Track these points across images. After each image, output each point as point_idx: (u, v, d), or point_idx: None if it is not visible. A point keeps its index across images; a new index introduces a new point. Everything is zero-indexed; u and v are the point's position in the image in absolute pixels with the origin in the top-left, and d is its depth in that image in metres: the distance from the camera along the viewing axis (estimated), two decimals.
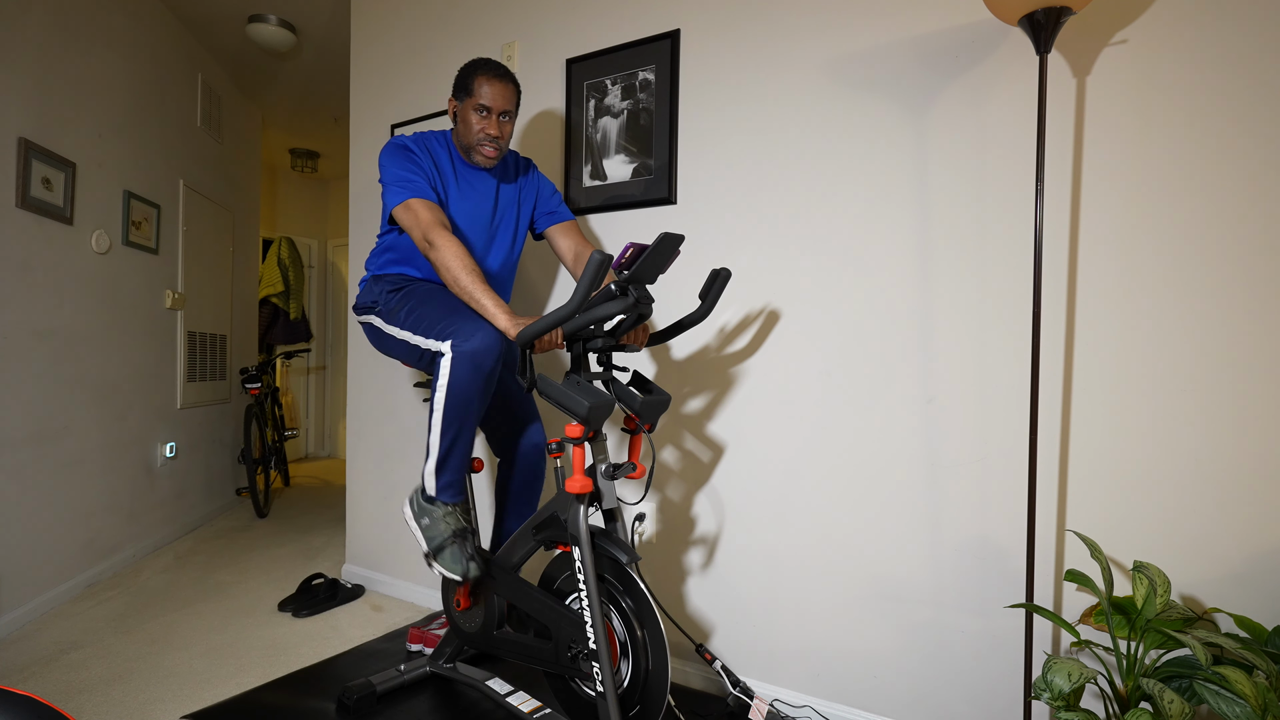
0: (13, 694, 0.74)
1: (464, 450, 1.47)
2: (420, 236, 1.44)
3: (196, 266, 3.39)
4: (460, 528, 1.49)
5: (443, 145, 1.62)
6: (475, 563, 1.46)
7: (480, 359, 1.36)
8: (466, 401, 1.40)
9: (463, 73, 1.57)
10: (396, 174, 1.51)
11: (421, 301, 1.50)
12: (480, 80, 1.54)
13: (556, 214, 1.73)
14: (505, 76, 1.56)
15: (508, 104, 1.56)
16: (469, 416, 1.43)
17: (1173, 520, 1.30)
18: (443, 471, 1.47)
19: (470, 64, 1.57)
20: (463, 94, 1.56)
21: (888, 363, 1.57)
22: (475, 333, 1.36)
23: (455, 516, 1.49)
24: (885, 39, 1.57)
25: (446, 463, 1.46)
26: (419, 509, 1.51)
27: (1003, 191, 1.45)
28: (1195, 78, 1.28)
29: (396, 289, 1.59)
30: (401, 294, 1.57)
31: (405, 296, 1.55)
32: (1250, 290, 1.24)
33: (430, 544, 1.47)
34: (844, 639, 1.63)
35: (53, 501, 2.33)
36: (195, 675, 1.84)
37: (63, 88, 2.37)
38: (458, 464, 1.48)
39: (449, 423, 1.42)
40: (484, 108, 1.54)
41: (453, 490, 1.50)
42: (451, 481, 1.49)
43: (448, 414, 1.41)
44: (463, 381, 1.38)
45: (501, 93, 1.54)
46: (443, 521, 1.48)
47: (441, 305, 1.46)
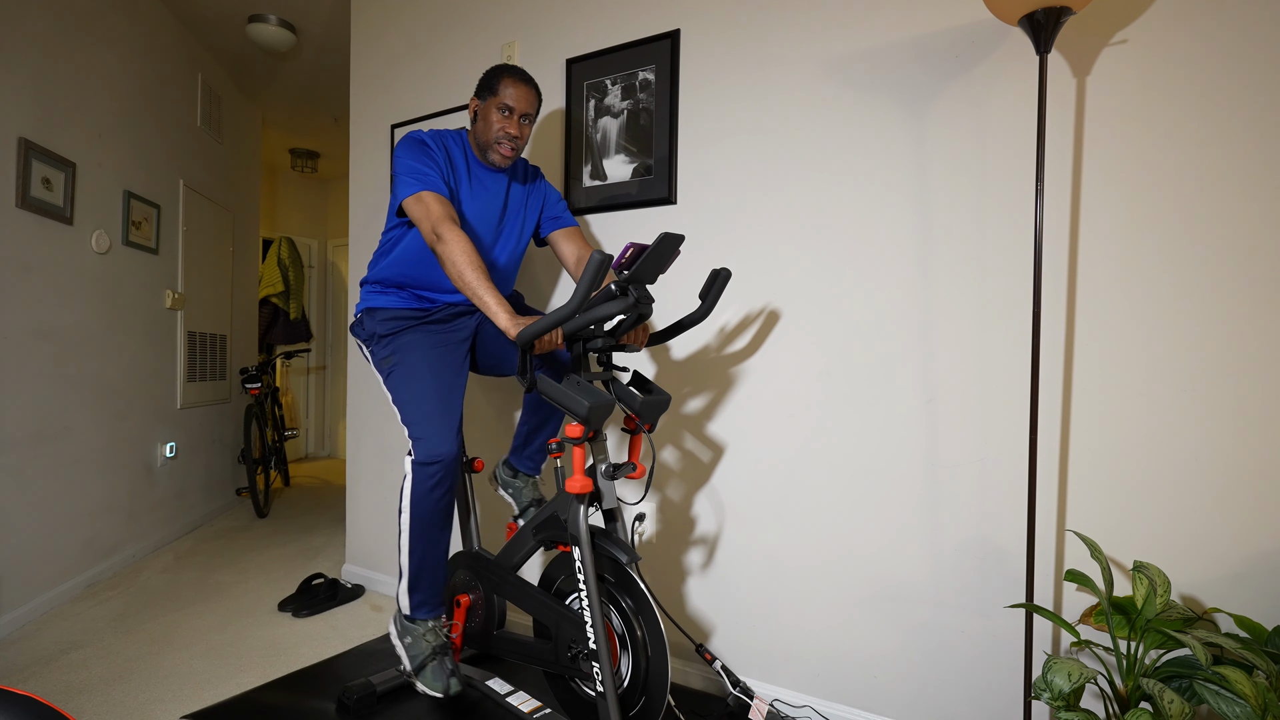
0: (13, 694, 0.74)
1: (434, 566, 1.54)
2: (429, 229, 1.45)
3: (196, 266, 3.39)
4: (440, 644, 1.55)
5: (458, 144, 1.64)
6: (455, 679, 1.51)
7: (432, 472, 1.46)
8: (430, 514, 1.49)
9: (488, 74, 1.61)
10: (410, 165, 1.52)
11: (404, 377, 1.56)
12: (506, 81, 1.57)
13: (561, 219, 1.75)
14: (529, 82, 1.60)
15: (529, 107, 1.60)
16: (433, 532, 1.51)
17: (1173, 520, 1.30)
18: (416, 590, 1.54)
19: (496, 66, 1.62)
20: (487, 93, 1.60)
21: (888, 362, 1.57)
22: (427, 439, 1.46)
23: (435, 633, 1.56)
24: (885, 39, 1.57)
25: (419, 581, 1.53)
26: (401, 628, 1.57)
27: (1003, 191, 1.45)
28: (1195, 78, 1.28)
29: (387, 335, 1.62)
30: (390, 347, 1.61)
31: (393, 354, 1.60)
32: (1250, 290, 1.24)
33: (412, 663, 1.53)
34: (844, 639, 1.63)
35: (53, 501, 2.33)
36: (195, 675, 1.84)
37: (63, 88, 2.37)
38: (430, 580, 1.54)
39: (416, 539, 1.50)
40: (507, 107, 1.57)
41: (428, 607, 1.55)
42: (426, 599, 1.55)
43: (414, 530, 1.50)
44: (422, 499, 1.47)
45: (525, 95, 1.58)
46: (423, 640, 1.54)
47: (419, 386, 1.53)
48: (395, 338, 1.61)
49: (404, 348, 1.59)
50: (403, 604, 1.55)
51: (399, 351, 1.59)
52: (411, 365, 1.56)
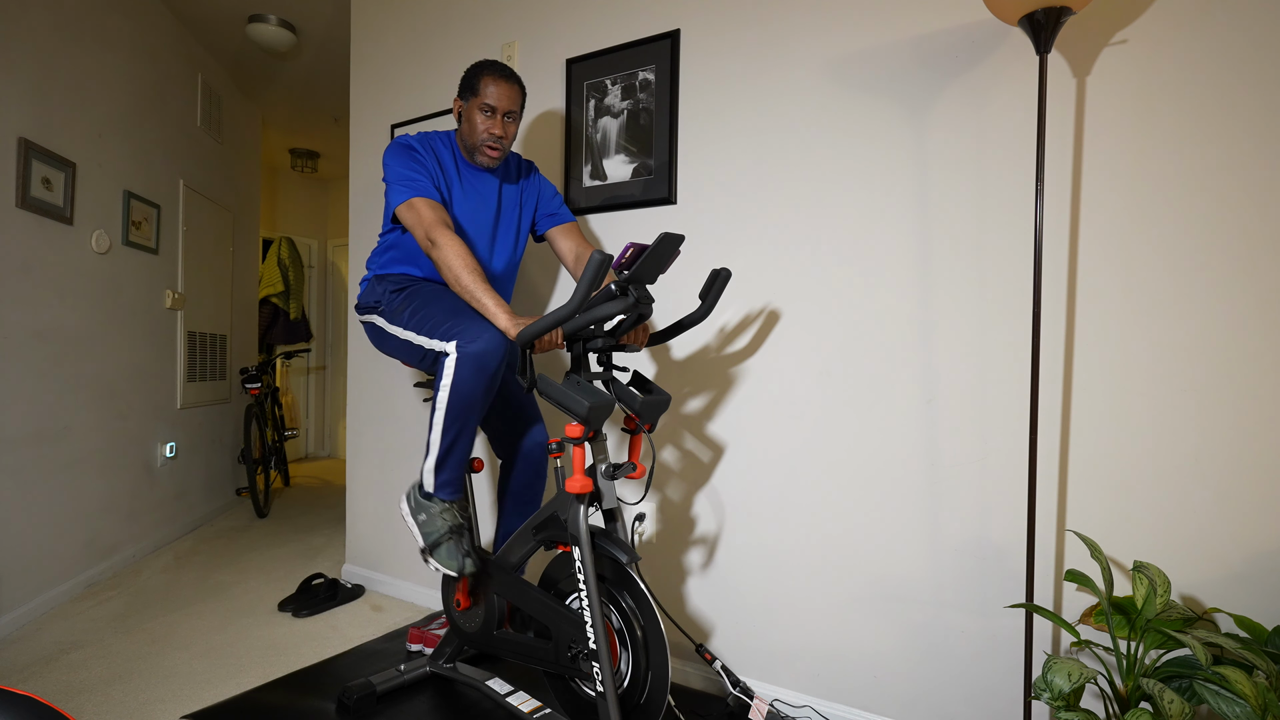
0: (13, 694, 0.74)
1: (464, 449, 1.48)
2: (423, 235, 1.44)
3: (196, 266, 3.39)
4: (456, 524, 1.50)
5: (447, 146, 1.62)
6: (471, 559, 1.47)
7: (485, 360, 1.36)
8: (469, 402, 1.40)
9: (469, 73, 1.58)
10: (400, 173, 1.51)
11: (426, 302, 1.50)
12: (486, 80, 1.55)
13: (558, 215, 1.74)
14: (511, 77, 1.57)
15: (513, 104, 1.57)
16: (471, 416, 1.43)
17: (1173, 520, 1.30)
18: (442, 469, 1.48)
19: (476, 65, 1.58)
20: (468, 94, 1.57)
21: (888, 362, 1.57)
22: (481, 334, 1.36)
23: (452, 513, 1.50)
24: (885, 39, 1.57)
25: (446, 461, 1.47)
26: (416, 504, 1.52)
27: (1003, 191, 1.45)
28: (1195, 78, 1.28)
29: (400, 289, 1.60)
30: (405, 294, 1.57)
31: (409, 297, 1.55)
32: (1250, 290, 1.24)
33: (426, 539, 1.48)
34: (844, 639, 1.63)
35: (53, 501, 2.33)
36: (195, 675, 1.84)
37: (63, 88, 2.37)
38: (457, 462, 1.48)
39: (451, 422, 1.42)
40: (489, 107, 1.55)
41: (451, 488, 1.50)
42: (450, 479, 1.49)
43: (450, 413, 1.41)
44: (466, 382, 1.38)
45: (507, 93, 1.55)
46: (439, 518, 1.49)
47: (446, 306, 1.46)
48: (410, 287, 1.58)
49: (421, 292, 1.55)
50: (426, 480, 1.49)
51: (417, 296, 1.54)
52: (431, 293, 1.52)
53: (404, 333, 1.52)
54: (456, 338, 1.38)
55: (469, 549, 1.48)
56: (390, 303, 1.58)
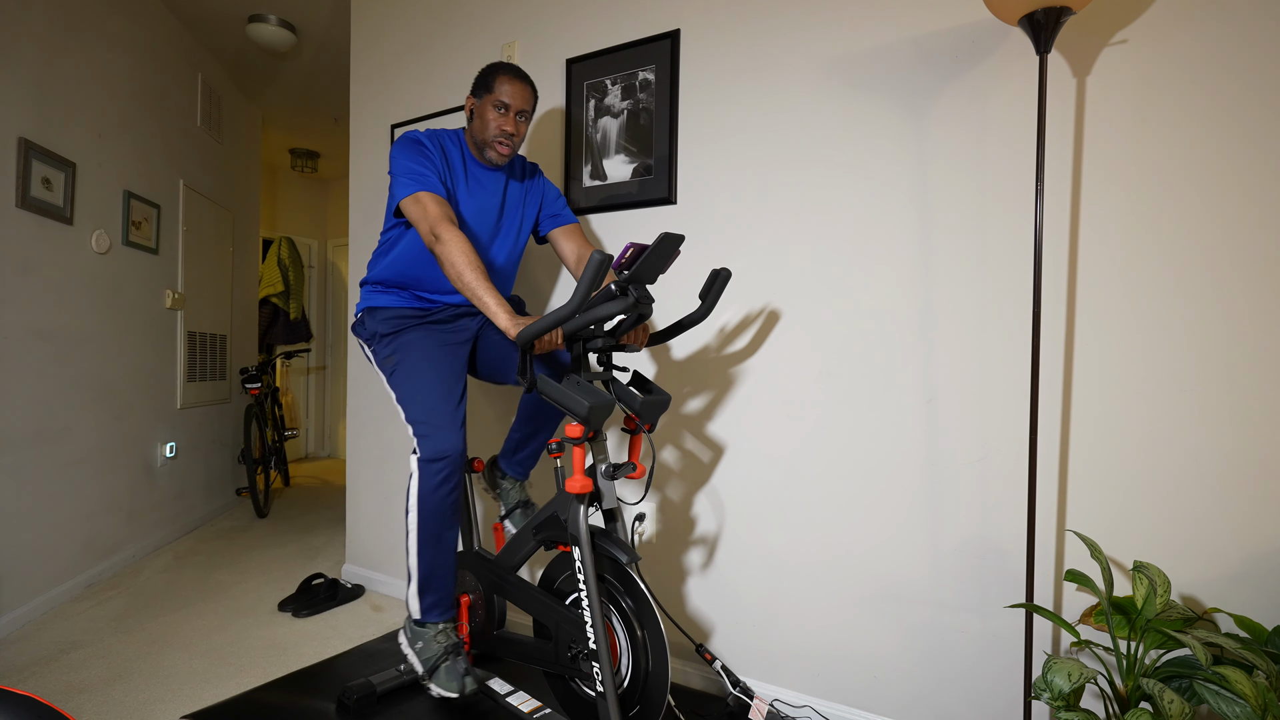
0: (13, 694, 0.74)
1: (444, 567, 1.52)
2: (427, 230, 1.45)
3: (196, 266, 3.39)
4: (452, 644, 1.53)
5: (455, 143, 1.64)
6: (470, 678, 1.50)
7: (440, 469, 1.45)
8: (439, 514, 1.47)
9: (484, 72, 1.61)
10: (408, 166, 1.52)
11: (407, 373, 1.55)
12: (502, 79, 1.57)
13: (560, 217, 1.74)
14: (525, 79, 1.60)
15: (525, 104, 1.59)
16: (443, 531, 1.49)
17: (1173, 520, 1.30)
18: (426, 593, 1.52)
19: (492, 64, 1.61)
20: (482, 91, 1.59)
21: (888, 362, 1.57)
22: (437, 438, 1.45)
23: (446, 634, 1.54)
24: (885, 39, 1.57)
25: (429, 584, 1.51)
26: (412, 634, 1.56)
27: (1003, 191, 1.45)
28: (1195, 77, 1.28)
29: (389, 334, 1.62)
30: (392, 346, 1.61)
31: (395, 350, 1.60)
32: (1250, 290, 1.24)
33: (425, 665, 1.51)
34: (844, 639, 1.63)
35: (53, 501, 2.33)
36: (195, 675, 1.84)
37: (63, 88, 2.37)
38: (440, 582, 1.52)
39: (424, 541, 1.48)
40: (503, 104, 1.57)
41: (440, 609, 1.54)
42: (437, 601, 1.53)
43: (421, 531, 1.48)
44: (430, 493, 1.46)
45: (520, 92, 1.58)
46: (434, 641, 1.52)
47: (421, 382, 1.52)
48: (397, 336, 1.61)
49: (406, 346, 1.59)
50: (413, 608, 1.53)
51: (401, 350, 1.59)
52: (414, 363, 1.56)
53: (389, 390, 1.59)
54: (418, 440, 1.47)
55: (466, 668, 1.51)
56: (379, 349, 1.63)
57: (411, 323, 1.63)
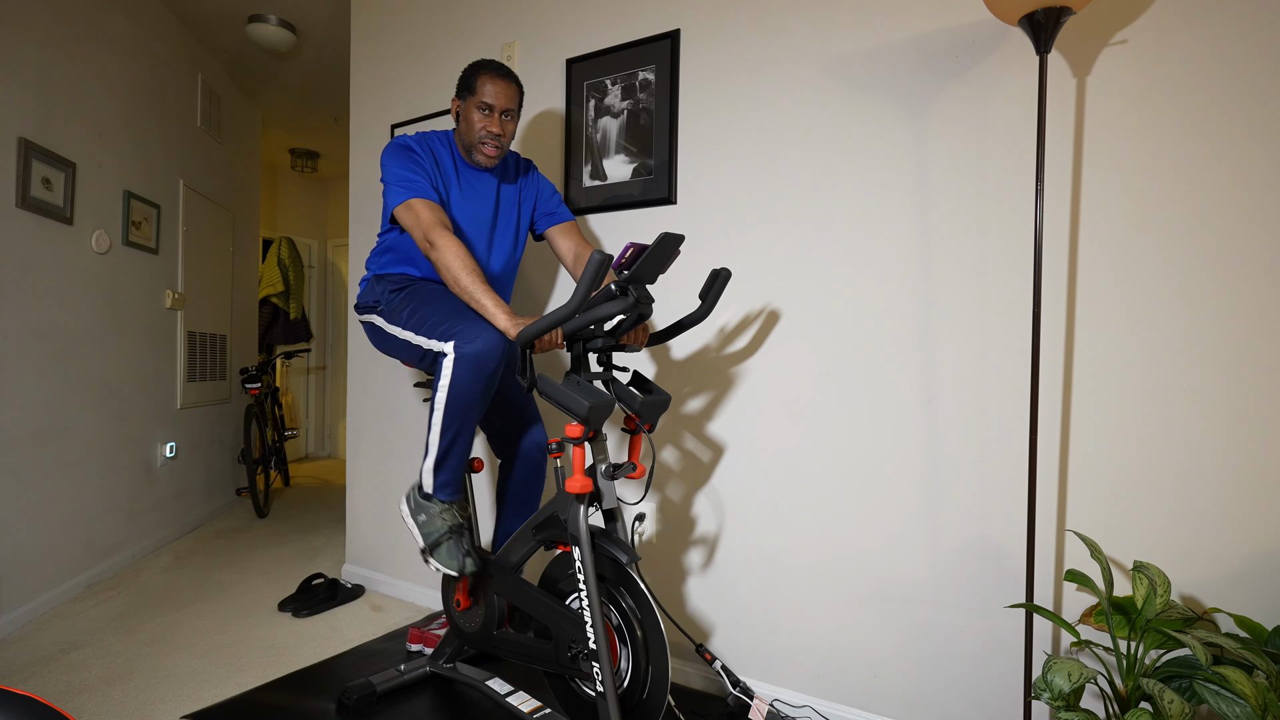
0: (13, 694, 0.74)
1: (463, 449, 1.48)
2: (421, 236, 1.44)
3: (196, 266, 3.39)
4: (456, 524, 1.50)
5: (445, 146, 1.62)
6: (471, 558, 1.47)
7: (483, 361, 1.36)
8: (468, 402, 1.40)
9: (466, 72, 1.58)
10: (398, 173, 1.51)
11: (424, 302, 1.50)
12: (483, 79, 1.55)
13: (556, 215, 1.73)
14: (508, 76, 1.57)
15: (510, 102, 1.57)
16: (469, 417, 1.43)
17: (1173, 520, 1.30)
18: (441, 469, 1.48)
19: (474, 64, 1.58)
20: (466, 93, 1.57)
21: (887, 362, 1.57)
22: (479, 335, 1.36)
23: (451, 513, 1.51)
24: (885, 39, 1.57)
25: (445, 461, 1.47)
26: (415, 505, 1.52)
27: (1003, 191, 1.45)
28: (1195, 78, 1.28)
29: (399, 288, 1.60)
30: (404, 294, 1.57)
31: (408, 296, 1.55)
32: (1250, 290, 1.24)
33: (426, 539, 1.48)
34: (844, 639, 1.63)
35: (53, 501, 2.33)
36: (195, 675, 1.84)
37: (63, 88, 2.37)
38: (456, 463, 1.49)
39: (449, 422, 1.42)
40: (486, 105, 1.55)
41: (450, 488, 1.50)
42: (449, 480, 1.50)
43: (448, 414, 1.41)
44: (464, 382, 1.38)
45: (504, 91, 1.55)
46: (439, 518, 1.49)
47: (444, 306, 1.46)
48: (409, 287, 1.58)
49: (420, 291, 1.55)
50: (425, 481, 1.49)
51: (416, 295, 1.54)
52: (430, 293, 1.52)
53: (402, 332, 1.52)
54: (454, 338, 1.38)
55: (469, 549, 1.48)
56: (389, 302, 1.58)
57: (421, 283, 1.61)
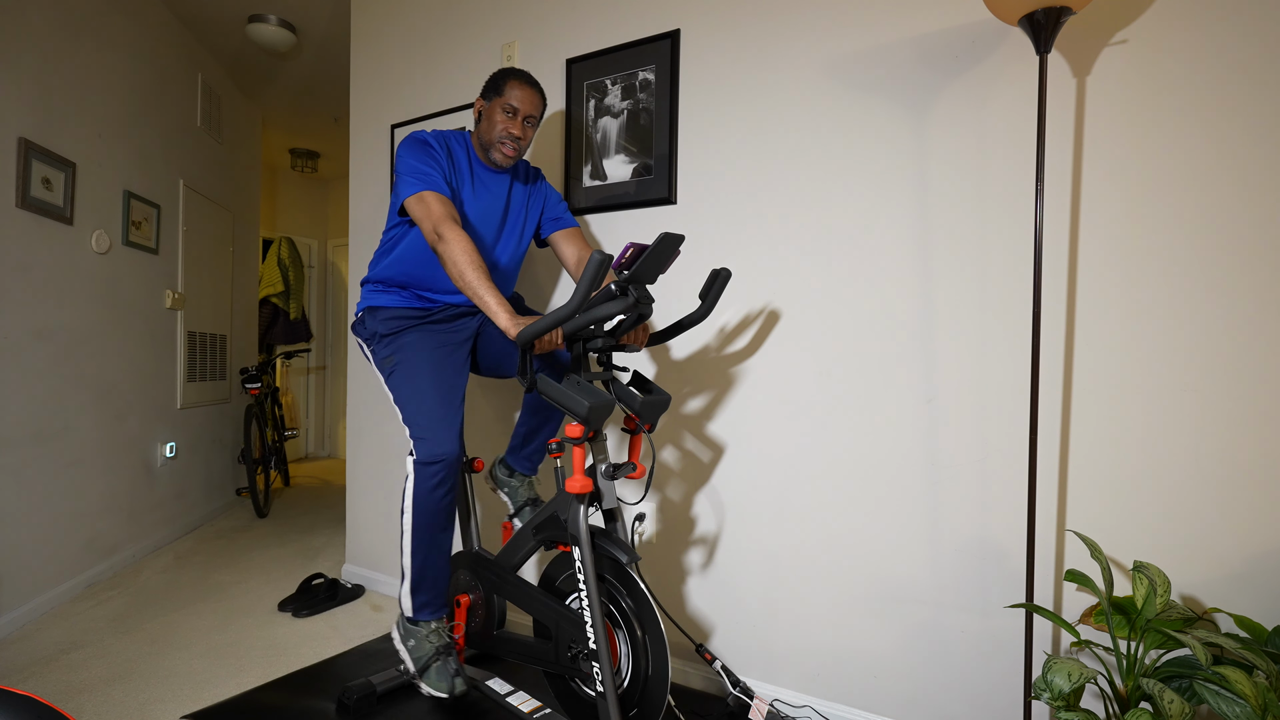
0: (13, 694, 0.74)
1: (437, 567, 1.54)
2: (430, 228, 1.45)
3: (196, 266, 3.39)
4: (444, 644, 1.56)
5: (461, 144, 1.65)
6: (460, 679, 1.52)
7: (436, 471, 1.46)
8: (433, 515, 1.48)
9: (495, 75, 1.62)
10: (413, 165, 1.53)
11: (406, 373, 1.56)
12: (512, 84, 1.59)
13: (561, 220, 1.76)
14: (535, 86, 1.62)
15: (533, 109, 1.61)
16: (438, 533, 1.51)
17: (1173, 520, 1.30)
18: (419, 591, 1.53)
19: (504, 69, 1.63)
20: (492, 94, 1.61)
21: (887, 362, 1.57)
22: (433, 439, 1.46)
23: (439, 633, 1.57)
24: (885, 39, 1.57)
25: (422, 582, 1.53)
26: (404, 631, 1.58)
27: (1003, 191, 1.45)
28: (1195, 78, 1.28)
29: (389, 334, 1.63)
30: (391, 347, 1.62)
31: (394, 352, 1.60)
32: (1250, 290, 1.24)
33: (416, 664, 1.54)
34: (844, 639, 1.63)
35: (53, 501, 2.33)
36: (195, 675, 1.84)
37: (63, 88, 2.37)
38: (433, 582, 1.54)
39: (419, 542, 1.50)
40: (511, 108, 1.58)
41: (431, 608, 1.55)
42: (429, 600, 1.55)
43: (416, 531, 1.49)
44: (425, 495, 1.47)
45: (529, 98, 1.60)
46: (426, 641, 1.55)
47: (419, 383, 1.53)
48: (397, 337, 1.62)
49: (405, 347, 1.59)
50: (405, 606, 1.54)
51: (400, 351, 1.60)
52: (413, 365, 1.56)
53: (385, 389, 1.61)
54: (414, 442, 1.48)
55: (456, 669, 1.54)
56: (379, 349, 1.64)
57: (411, 323, 1.64)
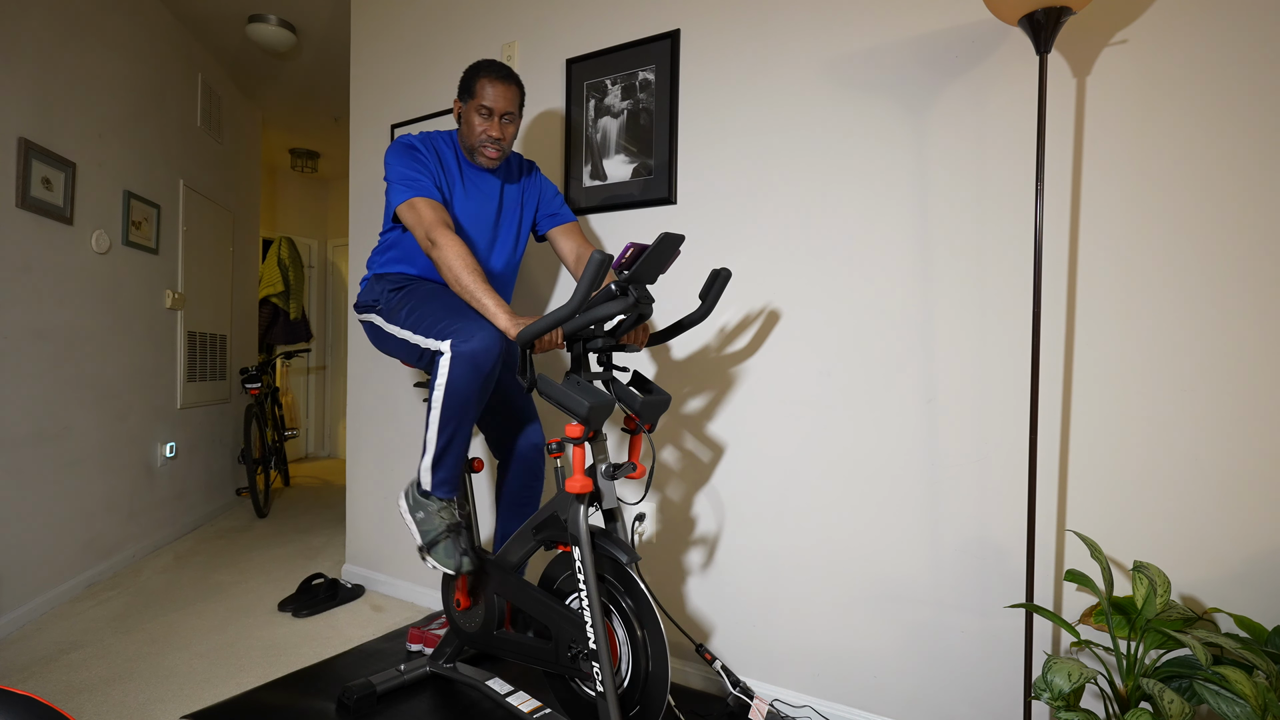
0: (13, 694, 0.74)
1: (460, 447, 1.48)
2: (423, 235, 1.44)
3: (196, 266, 3.39)
4: (454, 522, 1.50)
5: (449, 145, 1.63)
6: (469, 557, 1.47)
7: (479, 359, 1.37)
8: (464, 400, 1.41)
9: (466, 74, 1.58)
10: (402, 172, 1.51)
11: (422, 301, 1.50)
12: (483, 82, 1.54)
13: (559, 216, 1.74)
14: (508, 78, 1.56)
15: (510, 105, 1.56)
16: (466, 415, 1.44)
17: (1173, 520, 1.30)
18: (439, 467, 1.48)
19: (474, 66, 1.58)
20: (466, 95, 1.57)
21: (888, 362, 1.57)
22: (475, 333, 1.37)
23: (450, 511, 1.51)
24: (885, 39, 1.57)
25: (443, 459, 1.47)
26: (414, 503, 1.52)
27: (1003, 191, 1.45)
28: (1195, 77, 1.28)
29: (398, 288, 1.60)
30: (403, 293, 1.57)
31: (406, 295, 1.55)
32: (1250, 290, 1.24)
33: (424, 537, 1.49)
34: (844, 639, 1.63)
35: (53, 501, 2.33)
36: (195, 675, 1.84)
37: (63, 88, 2.37)
38: (454, 461, 1.49)
39: (446, 420, 1.43)
40: (486, 109, 1.54)
41: (448, 486, 1.51)
42: (447, 477, 1.50)
43: (445, 412, 1.42)
44: (461, 381, 1.38)
45: (504, 94, 1.54)
46: (437, 516, 1.49)
47: (442, 305, 1.46)
48: (408, 287, 1.59)
49: (418, 291, 1.56)
50: (423, 479, 1.49)
51: (414, 295, 1.54)
52: (429, 292, 1.53)
53: (401, 331, 1.52)
54: (451, 336, 1.38)
55: (466, 547, 1.48)
56: (388, 301, 1.59)
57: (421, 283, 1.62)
